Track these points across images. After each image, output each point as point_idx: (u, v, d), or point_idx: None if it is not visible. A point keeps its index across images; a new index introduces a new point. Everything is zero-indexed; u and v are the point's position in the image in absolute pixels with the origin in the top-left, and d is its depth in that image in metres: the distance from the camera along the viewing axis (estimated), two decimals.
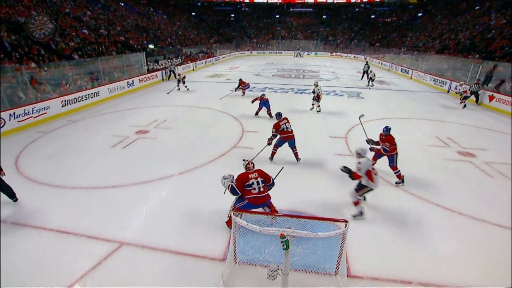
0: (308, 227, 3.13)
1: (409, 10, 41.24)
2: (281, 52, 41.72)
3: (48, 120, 9.71)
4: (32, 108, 9.30)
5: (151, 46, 23.21)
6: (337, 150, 7.45)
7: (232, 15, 49.95)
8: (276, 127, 6.48)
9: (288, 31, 47.15)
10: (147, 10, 32.90)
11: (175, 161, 6.60)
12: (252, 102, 10.38)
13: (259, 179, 4.07)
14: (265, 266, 3.34)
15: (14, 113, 8.69)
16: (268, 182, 4.17)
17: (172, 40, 29.08)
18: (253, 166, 4.30)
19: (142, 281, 3.47)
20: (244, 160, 4.43)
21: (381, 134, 5.87)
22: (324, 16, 48.41)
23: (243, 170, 4.27)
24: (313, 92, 10.93)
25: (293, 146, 6.65)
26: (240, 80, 13.55)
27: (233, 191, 4.05)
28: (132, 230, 4.40)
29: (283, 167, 4.61)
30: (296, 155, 6.74)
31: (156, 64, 18.73)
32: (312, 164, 6.60)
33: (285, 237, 2.76)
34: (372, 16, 45.78)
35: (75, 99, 11.11)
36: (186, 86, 14.54)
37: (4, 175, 4.93)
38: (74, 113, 10.66)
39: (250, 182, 4.02)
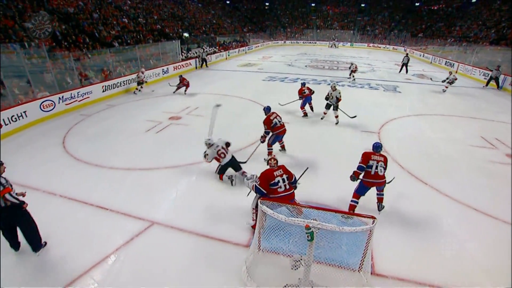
0: (334, 221, 3.10)
1: None
2: (315, 42, 40.51)
3: (90, 104, 10.43)
4: (77, 92, 10.04)
5: (186, 34, 23.73)
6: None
7: (267, 4, 49.23)
8: (267, 123, 6.09)
9: (324, 21, 45.53)
10: None
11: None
12: (300, 98, 9.18)
13: (284, 176, 3.88)
14: (289, 256, 3.38)
15: (62, 97, 9.45)
16: (291, 179, 3.96)
17: (206, 29, 29.48)
18: (277, 162, 4.04)
19: (169, 259, 3.68)
20: (268, 156, 4.20)
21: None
22: (362, 5, 45.94)
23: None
24: (326, 99, 8.53)
25: (281, 139, 6.44)
26: (181, 76, 12.21)
27: (258, 191, 3.86)
28: (162, 211, 4.65)
29: (307, 168, 4.46)
30: (283, 147, 6.58)
31: (188, 52, 19.14)
32: (342, 159, 6.44)
33: (310, 229, 2.76)
34: (417, 4, 42.49)
35: (114, 85, 11.79)
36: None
37: (24, 195, 3.78)
38: (112, 98, 11.33)
39: (276, 180, 3.81)
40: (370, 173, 4.34)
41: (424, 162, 6.33)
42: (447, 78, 13.02)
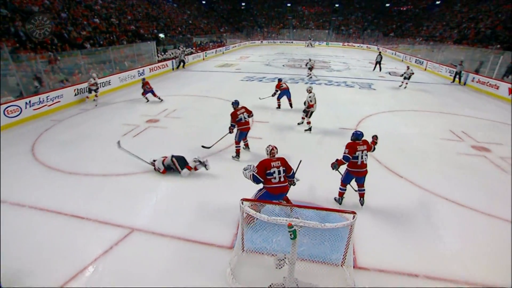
0: (316, 218, 3.14)
1: None
2: (292, 42, 41.07)
3: (62, 109, 9.93)
4: (47, 97, 9.50)
5: (161, 35, 23.18)
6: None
7: (243, 4, 49.18)
8: (234, 116, 6.14)
9: (300, 21, 46.23)
10: None
11: (185, 150, 6.66)
12: (273, 95, 9.93)
13: (281, 168, 3.94)
14: (272, 255, 3.39)
15: (30, 101, 8.91)
16: (288, 172, 4.04)
17: (182, 29, 28.97)
18: (276, 152, 4.12)
19: (152, 265, 3.57)
20: (268, 146, 4.17)
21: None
22: (336, 5, 47.13)
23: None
24: (305, 103, 7.99)
25: (245, 137, 6.53)
26: (143, 80, 11.01)
27: (255, 180, 3.93)
28: (142, 217, 4.51)
29: (301, 161, 4.49)
30: (246, 145, 6.72)
31: (164, 53, 18.72)
32: (321, 156, 6.55)
33: (293, 227, 2.78)
34: (387, 5, 44.24)
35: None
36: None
37: None
38: (86, 102, 10.84)
39: (272, 170, 3.89)
40: (356, 163, 4.47)
41: (400, 157, 6.59)
42: (405, 73, 13.49)
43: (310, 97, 7.73)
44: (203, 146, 6.29)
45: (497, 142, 7.49)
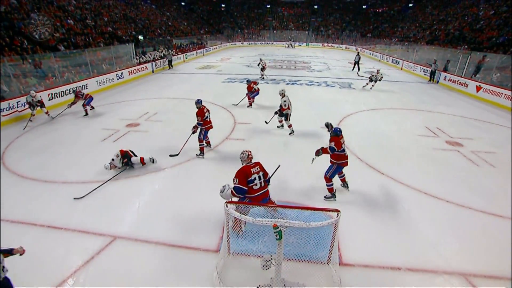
0: (300, 217, 3.17)
1: (400, 0, 41.22)
2: (273, 43, 41.38)
3: (35, 114, 9.44)
4: (17, 102, 9.03)
5: (140, 37, 22.67)
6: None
7: (223, 6, 49.05)
8: (201, 115, 6.21)
9: (280, 22, 46.68)
10: (135, 0, 31.98)
11: (167, 154, 6.55)
12: (249, 96, 10.31)
13: (261, 173, 3.83)
14: (259, 256, 3.39)
15: None
16: (266, 177, 3.95)
17: (161, 31, 28.46)
18: (252, 157, 4.01)
19: (136, 274, 3.48)
20: (243, 152, 4.02)
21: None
22: (315, 7, 48.02)
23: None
24: (280, 106, 7.81)
25: (207, 135, 6.66)
26: (76, 90, 10.12)
27: (239, 192, 3.71)
28: (125, 224, 4.38)
29: (279, 165, 4.51)
30: (208, 143, 6.86)
31: (144, 56, 18.34)
32: (303, 154, 6.63)
33: (278, 228, 2.79)
34: (364, 6, 45.60)
35: (62, 92, 10.83)
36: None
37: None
38: (62, 107, 10.39)
39: (253, 177, 3.75)
40: (343, 155, 4.80)
41: (380, 153, 6.79)
42: (372, 75, 13.24)
43: (285, 101, 7.60)
44: (170, 155, 6.27)
45: (468, 137, 7.89)
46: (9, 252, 2.83)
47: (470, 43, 19.02)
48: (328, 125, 5.43)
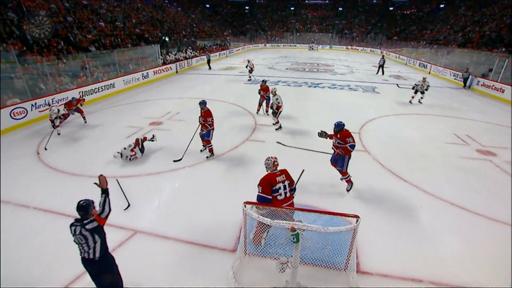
0: (318, 221, 3.13)
1: (431, 1, 39.61)
2: (295, 45, 41.19)
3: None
4: (52, 99, 9.61)
5: (165, 38, 23.36)
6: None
7: (247, 8, 49.53)
8: (210, 115, 6.28)
9: (303, 24, 46.40)
10: (162, 3, 33.05)
11: (188, 153, 6.69)
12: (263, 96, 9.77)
13: (286, 182, 3.54)
14: (275, 258, 3.38)
15: (35, 103, 9.02)
16: (292, 185, 3.66)
17: (186, 33, 29.19)
18: (278, 164, 3.69)
19: (154, 268, 3.58)
20: (269, 158, 3.73)
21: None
22: (340, 9, 47.29)
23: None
24: (271, 107, 8.19)
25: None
26: (70, 101, 8.58)
27: (263, 200, 3.45)
28: (145, 219, 4.52)
29: (304, 170, 4.44)
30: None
31: (168, 55, 18.86)
32: (324, 159, 6.53)
33: (296, 231, 2.77)
34: (391, 8, 44.31)
35: (91, 91, 11.39)
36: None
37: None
38: (91, 104, 10.93)
39: (277, 186, 3.47)
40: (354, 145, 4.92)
41: (403, 160, 6.55)
42: (417, 85, 11.31)
43: (277, 99, 7.94)
44: (174, 161, 6.34)
45: (503, 146, 7.42)
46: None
47: (509, 45, 17.89)
48: (322, 134, 5.36)
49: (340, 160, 5.09)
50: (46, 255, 3.82)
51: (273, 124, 8.43)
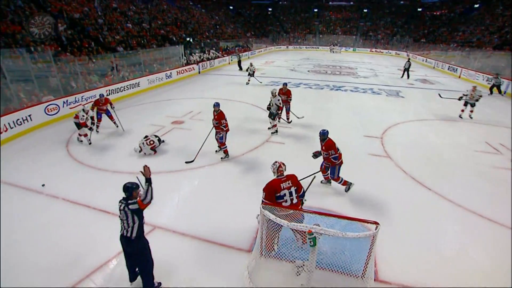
0: (336, 226, 3.08)
1: (463, 1, 37.71)
2: (318, 47, 40.72)
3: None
4: (82, 96, 10.14)
5: (188, 39, 23.91)
6: (371, 150, 7.16)
7: (270, 9, 49.62)
8: (224, 117, 6.27)
9: (326, 26, 45.79)
10: (187, 4, 33.86)
11: (208, 152, 6.81)
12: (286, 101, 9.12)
13: (293, 189, 3.47)
14: (291, 261, 3.37)
15: (67, 100, 9.56)
16: (299, 191, 3.60)
17: (209, 34, 29.71)
18: (285, 169, 3.62)
19: (172, 264, 3.67)
20: (274, 163, 3.70)
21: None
22: (365, 10, 46.19)
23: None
24: (268, 108, 7.92)
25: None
26: (101, 97, 8.26)
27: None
28: (164, 215, 4.65)
29: (315, 176, 4.38)
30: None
31: (192, 56, 19.27)
32: (344, 164, 6.40)
33: (313, 234, 2.75)
34: (419, 9, 42.66)
35: (117, 89, 11.89)
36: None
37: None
38: (116, 102, 11.38)
39: (282, 193, 3.42)
40: (340, 154, 4.98)
41: (428, 168, 6.29)
42: (465, 95, 9.61)
43: (279, 100, 7.78)
44: (186, 162, 6.39)
45: None
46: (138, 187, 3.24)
47: None
48: (316, 155, 5.19)
49: (331, 168, 5.04)
50: (69, 244, 4.02)
51: (269, 128, 8.18)
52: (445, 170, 6.24)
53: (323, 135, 4.95)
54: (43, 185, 5.36)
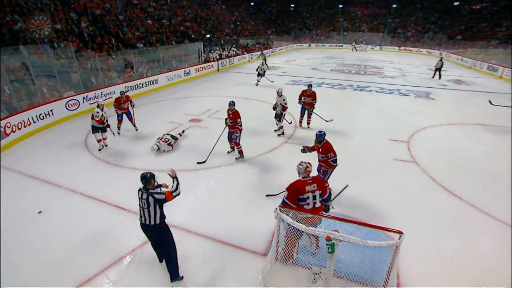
0: (357, 233, 3.03)
1: None
2: (342, 45, 40.03)
3: (112, 104, 10.92)
4: (101, 92, 10.58)
5: (210, 36, 24.29)
6: (396, 154, 6.96)
7: (292, 5, 49.39)
8: (240, 116, 6.30)
9: (352, 23, 44.94)
10: (207, 0, 34.41)
11: (224, 153, 6.89)
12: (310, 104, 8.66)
13: (317, 193, 3.41)
14: (307, 268, 3.35)
15: (86, 96, 10.01)
16: (324, 195, 3.54)
17: (229, 31, 30.03)
18: (311, 170, 3.55)
19: (185, 264, 3.74)
20: (301, 163, 3.57)
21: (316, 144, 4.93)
22: (394, 6, 44.88)
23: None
24: (274, 108, 7.88)
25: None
26: (122, 94, 8.20)
27: (285, 205, 3.39)
28: (179, 214, 4.75)
29: (347, 185, 4.34)
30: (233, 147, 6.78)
31: (211, 53, 19.56)
32: (367, 169, 6.29)
33: (332, 240, 2.73)
34: (455, 3, 40.74)
35: (136, 86, 12.29)
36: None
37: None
38: (134, 99, 11.71)
39: (305, 195, 3.37)
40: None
41: (459, 176, 6.03)
42: None
43: (284, 100, 7.61)
44: (198, 163, 6.42)
45: None
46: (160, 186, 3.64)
47: None
48: (305, 150, 5.05)
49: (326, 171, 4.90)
50: (85, 239, 4.21)
51: (275, 130, 8.14)
52: (481, 179, 5.95)
53: (320, 136, 4.76)
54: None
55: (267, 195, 5.21)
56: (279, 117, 7.82)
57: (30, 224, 4.52)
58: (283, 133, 8.05)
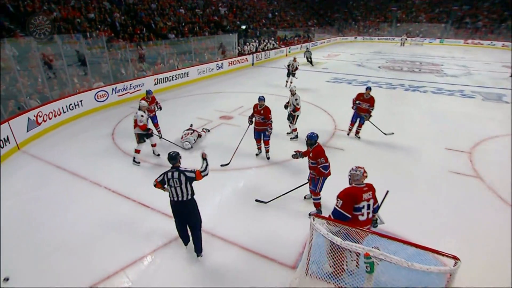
0: (401, 254, 2.91)
1: None
2: (393, 39, 38.47)
3: (141, 97, 11.51)
4: (130, 84, 11.21)
5: (243, 27, 24.64)
6: (453, 166, 6.53)
7: None
8: (270, 113, 6.40)
9: (407, 12, 42.98)
10: None
11: (248, 155, 6.96)
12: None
13: (371, 202, 3.36)
14: (340, 287, 3.27)
15: (115, 88, 10.67)
16: (374, 204, 3.46)
17: (266, 22, 30.21)
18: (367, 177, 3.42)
19: (208, 269, 3.86)
20: (357, 168, 3.41)
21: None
22: None
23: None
24: (286, 107, 7.81)
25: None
26: (149, 93, 7.86)
27: (340, 217, 3.27)
28: (204, 216, 4.84)
29: (388, 191, 4.19)
30: (260, 148, 6.87)
31: (246, 46, 19.82)
32: (419, 181, 5.99)
33: (371, 258, 2.65)
34: None
35: (166, 78, 12.85)
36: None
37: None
38: (164, 92, 12.30)
39: (361, 204, 3.28)
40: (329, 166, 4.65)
41: None
42: None
43: (296, 99, 7.51)
44: (221, 165, 6.45)
45: None
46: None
47: None
48: (297, 155, 5.10)
49: (315, 179, 4.71)
50: (107, 235, 4.48)
51: (288, 133, 8.12)
52: None
53: (311, 139, 4.65)
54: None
55: (256, 200, 5.26)
56: (291, 118, 7.81)
57: (52, 216, 4.90)
58: (296, 136, 7.97)
